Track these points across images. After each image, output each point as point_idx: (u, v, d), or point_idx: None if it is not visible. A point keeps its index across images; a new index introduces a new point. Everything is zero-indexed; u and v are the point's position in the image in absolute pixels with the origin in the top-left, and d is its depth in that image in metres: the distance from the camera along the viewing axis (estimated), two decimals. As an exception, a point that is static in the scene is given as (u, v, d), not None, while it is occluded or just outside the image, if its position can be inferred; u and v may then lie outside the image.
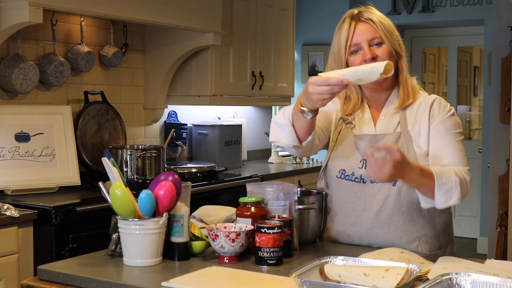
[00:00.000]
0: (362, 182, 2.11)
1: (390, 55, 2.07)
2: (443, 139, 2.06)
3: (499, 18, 5.48)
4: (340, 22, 2.12)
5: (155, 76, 4.12)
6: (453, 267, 1.71)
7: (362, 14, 2.08)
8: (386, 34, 2.06)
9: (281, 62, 4.91)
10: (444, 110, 2.10)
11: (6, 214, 2.66)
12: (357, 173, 2.12)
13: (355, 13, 2.10)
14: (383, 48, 2.06)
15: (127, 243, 1.85)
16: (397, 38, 2.10)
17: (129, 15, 3.40)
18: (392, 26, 2.10)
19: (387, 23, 2.09)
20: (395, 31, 2.10)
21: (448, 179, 1.93)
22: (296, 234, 2.02)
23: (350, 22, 2.08)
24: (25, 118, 3.22)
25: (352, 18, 2.09)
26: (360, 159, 2.11)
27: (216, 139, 4.44)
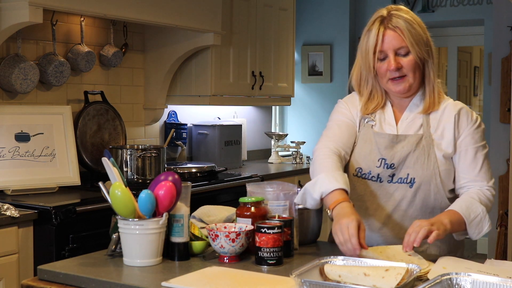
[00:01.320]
0: (379, 181, 2.10)
1: (415, 66, 2.05)
2: (471, 153, 2.08)
3: (499, 18, 5.48)
4: (369, 23, 2.08)
5: (155, 76, 4.12)
6: (453, 267, 1.71)
7: (391, 19, 2.03)
8: (412, 43, 2.02)
9: (281, 62, 4.91)
10: (472, 121, 2.10)
11: (6, 214, 2.66)
12: (374, 172, 2.10)
13: (385, 16, 2.05)
14: (409, 59, 2.04)
15: (127, 243, 1.85)
16: (425, 45, 2.05)
17: (129, 15, 3.40)
18: (420, 32, 2.05)
19: (416, 30, 2.03)
20: (424, 37, 2.06)
21: (476, 212, 2.00)
22: (296, 234, 2.02)
23: (379, 27, 2.03)
24: (25, 118, 3.22)
25: (381, 23, 2.04)
26: (378, 158, 2.10)
27: (216, 139, 4.44)
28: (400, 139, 2.09)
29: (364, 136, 2.15)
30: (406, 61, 2.04)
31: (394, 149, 2.09)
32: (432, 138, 2.08)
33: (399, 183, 2.08)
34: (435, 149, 2.07)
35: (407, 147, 2.08)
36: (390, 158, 2.08)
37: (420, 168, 2.06)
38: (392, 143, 2.09)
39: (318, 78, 6.37)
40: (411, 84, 2.07)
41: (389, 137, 2.10)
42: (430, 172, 2.06)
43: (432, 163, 2.05)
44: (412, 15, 2.07)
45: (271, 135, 5.11)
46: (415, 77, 2.07)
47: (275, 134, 5.11)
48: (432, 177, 2.06)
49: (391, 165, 2.08)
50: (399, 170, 2.08)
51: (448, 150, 2.07)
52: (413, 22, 2.04)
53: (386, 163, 2.09)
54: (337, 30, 6.26)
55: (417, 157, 2.07)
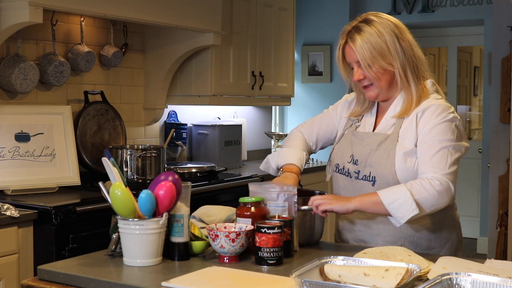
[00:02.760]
0: (349, 176, 2.21)
1: (378, 75, 2.12)
2: (426, 145, 2.08)
3: (499, 18, 5.48)
4: (339, 35, 2.19)
5: (155, 76, 4.12)
6: (453, 267, 1.71)
7: (353, 34, 2.12)
8: (366, 59, 2.08)
9: (281, 62, 4.91)
10: (437, 117, 2.09)
11: (6, 214, 2.66)
12: (346, 167, 2.23)
13: (349, 30, 2.15)
14: (370, 71, 2.11)
15: (127, 243, 1.85)
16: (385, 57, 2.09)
17: (129, 15, 3.40)
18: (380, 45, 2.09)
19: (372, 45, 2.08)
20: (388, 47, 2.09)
21: (397, 195, 2.00)
22: (296, 235, 2.02)
23: (341, 41, 2.16)
24: (25, 118, 3.22)
25: (344, 37, 2.15)
26: (350, 154, 2.21)
27: (216, 139, 4.44)
28: (367, 137, 2.19)
29: (346, 135, 2.29)
30: (368, 72, 2.12)
31: (360, 146, 2.20)
32: (398, 138, 2.13)
33: (363, 180, 2.17)
34: (398, 148, 2.11)
35: (370, 146, 2.17)
36: (357, 154, 2.20)
37: (379, 167, 2.13)
38: (359, 140, 2.21)
39: (318, 78, 6.37)
40: (379, 91, 2.16)
41: (358, 134, 2.23)
42: (387, 171, 2.11)
43: (390, 163, 2.11)
44: (379, 24, 2.12)
45: (271, 135, 5.11)
46: (381, 85, 2.14)
47: (275, 134, 5.11)
48: (389, 177, 2.11)
49: (355, 161, 2.19)
50: (362, 167, 2.17)
51: (409, 147, 2.10)
52: (373, 35, 2.09)
53: (354, 159, 2.21)
54: (337, 30, 6.20)
55: (377, 156, 2.14)
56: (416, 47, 2.16)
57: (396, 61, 2.10)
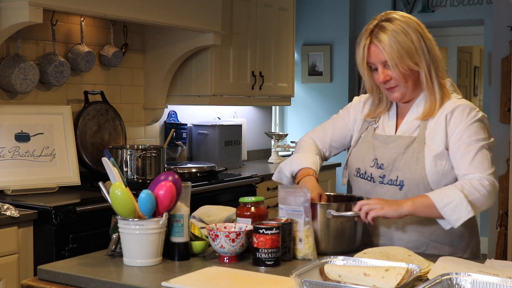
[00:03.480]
0: (372, 181, 2.15)
1: (404, 76, 2.06)
2: (462, 147, 2.03)
3: (499, 18, 5.48)
4: (360, 34, 2.10)
5: (155, 76, 4.12)
6: (453, 267, 1.71)
7: (378, 33, 2.04)
8: (394, 59, 2.02)
9: (281, 62, 4.91)
10: (466, 118, 2.06)
11: (6, 214, 2.66)
12: (369, 171, 2.16)
13: (372, 29, 2.06)
14: (396, 72, 2.05)
15: (127, 243, 1.85)
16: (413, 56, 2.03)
17: (129, 15, 3.40)
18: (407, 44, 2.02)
19: (400, 44, 2.02)
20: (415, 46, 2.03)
21: (451, 198, 1.95)
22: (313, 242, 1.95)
23: (365, 41, 2.06)
24: (25, 118, 3.22)
25: (369, 36, 2.06)
26: (372, 158, 2.15)
27: (216, 139, 4.44)
28: (392, 140, 2.13)
29: (365, 138, 2.21)
30: (393, 73, 2.05)
31: (385, 150, 2.13)
32: (425, 141, 2.08)
33: (389, 184, 2.11)
34: (426, 151, 2.07)
35: (396, 149, 2.11)
36: (381, 158, 2.13)
37: (408, 171, 2.08)
38: (384, 144, 2.14)
39: (318, 78, 6.37)
40: (404, 92, 2.10)
41: (382, 137, 2.16)
42: (417, 175, 2.06)
43: (420, 166, 2.06)
44: (402, 22, 2.05)
45: (271, 135, 5.11)
46: (407, 85, 2.08)
47: (275, 134, 5.11)
48: (420, 180, 2.06)
49: (380, 165, 2.13)
50: (388, 171, 2.11)
51: (438, 149, 2.06)
52: (399, 34, 2.02)
53: (377, 163, 2.14)
54: (337, 30, 6.26)
55: (406, 160, 2.09)
56: (436, 46, 2.12)
57: (422, 60, 2.05)
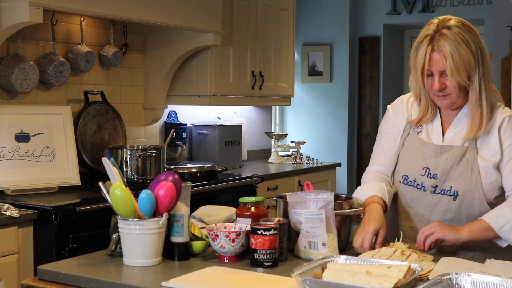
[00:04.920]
0: (423, 190, 2.13)
1: (459, 87, 2.03)
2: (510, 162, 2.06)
3: (499, 18, 5.48)
4: (419, 38, 2.07)
5: (155, 76, 4.12)
6: (455, 268, 1.71)
7: (439, 40, 2.01)
8: (453, 70, 1.99)
9: (281, 62, 4.91)
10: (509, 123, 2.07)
11: (6, 214, 2.66)
12: (419, 180, 2.14)
13: (433, 35, 2.02)
14: (452, 82, 2.02)
15: (127, 243, 1.85)
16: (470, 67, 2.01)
17: (129, 15, 3.40)
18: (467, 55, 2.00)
19: (460, 55, 1.99)
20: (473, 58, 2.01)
21: (506, 218, 1.99)
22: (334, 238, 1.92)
23: (427, 47, 2.02)
24: (25, 118, 3.22)
25: (430, 43, 2.02)
26: (422, 166, 2.13)
27: (216, 139, 4.44)
28: (445, 150, 2.11)
29: (410, 144, 2.18)
30: (450, 82, 2.02)
31: (438, 160, 2.11)
32: (477, 150, 2.09)
33: (442, 194, 2.11)
34: (480, 160, 2.08)
35: (451, 160, 2.10)
36: (434, 168, 2.11)
37: (463, 181, 2.08)
38: (436, 153, 2.12)
39: (318, 78, 6.37)
40: (455, 101, 2.08)
41: (434, 147, 2.13)
42: (473, 186, 2.07)
43: (475, 177, 2.07)
44: (463, 31, 2.02)
45: (271, 135, 5.11)
46: (459, 95, 2.06)
47: (275, 134, 5.11)
48: (475, 191, 2.07)
49: (434, 175, 2.11)
50: (442, 181, 2.11)
51: (492, 160, 2.07)
52: (461, 44, 1.99)
53: (430, 173, 2.12)
54: (337, 30, 6.26)
55: (460, 170, 2.08)
56: (487, 52, 2.09)
57: (476, 73, 2.03)
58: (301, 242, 1.93)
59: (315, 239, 1.90)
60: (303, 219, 1.92)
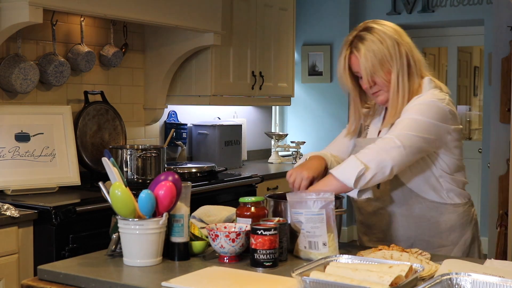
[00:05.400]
0: None
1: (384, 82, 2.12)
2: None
3: (499, 18, 5.48)
4: (341, 46, 2.19)
5: (155, 76, 4.12)
6: (458, 269, 1.71)
7: (356, 43, 2.12)
8: (367, 69, 2.09)
9: (281, 62, 4.91)
10: (414, 101, 2.11)
11: (6, 214, 2.66)
12: None
13: (351, 40, 2.14)
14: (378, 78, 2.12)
15: (127, 243, 1.85)
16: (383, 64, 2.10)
17: (129, 15, 3.40)
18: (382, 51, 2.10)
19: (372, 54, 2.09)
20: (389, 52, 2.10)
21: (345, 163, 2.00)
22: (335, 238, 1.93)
23: (345, 51, 2.15)
24: (25, 118, 3.22)
25: (348, 47, 2.14)
26: None
27: (216, 139, 4.44)
28: (365, 143, 2.16)
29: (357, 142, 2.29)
30: (375, 80, 2.12)
31: None
32: None
33: None
34: None
35: None
36: None
37: None
38: (358, 148, 2.20)
39: (318, 78, 6.37)
40: (387, 96, 2.15)
41: (364, 141, 2.22)
42: None
43: None
44: (380, 31, 2.12)
45: (271, 135, 5.11)
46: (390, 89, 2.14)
47: (275, 134, 5.11)
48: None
49: None
50: None
51: None
52: (375, 43, 2.10)
53: None
54: (337, 30, 6.26)
55: None
56: (415, 48, 2.18)
57: (394, 66, 2.11)
58: (301, 242, 1.93)
59: (315, 239, 1.90)
60: (304, 219, 1.91)
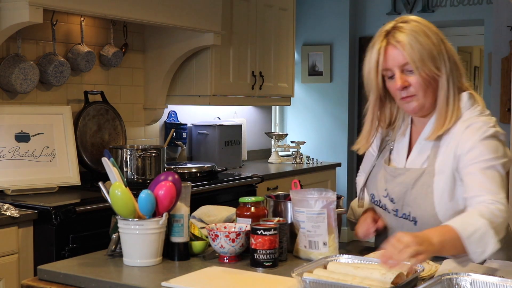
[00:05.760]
0: (387, 211, 1.99)
1: (424, 84, 1.85)
2: (470, 169, 1.80)
3: (499, 18, 5.48)
4: (374, 38, 1.90)
5: (155, 76, 4.12)
6: (458, 269, 1.71)
7: (395, 33, 1.84)
8: (415, 60, 1.82)
9: (281, 62, 4.91)
10: (475, 135, 1.82)
11: (6, 214, 2.66)
12: (382, 201, 2.00)
13: (389, 30, 1.86)
14: (416, 77, 1.84)
15: (127, 243, 1.85)
16: (435, 60, 1.83)
17: (129, 15, 3.40)
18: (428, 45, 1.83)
19: (421, 45, 1.82)
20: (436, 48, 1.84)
21: (475, 226, 1.68)
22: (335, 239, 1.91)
23: (381, 43, 1.85)
24: (25, 118, 3.22)
25: (384, 37, 1.86)
26: (384, 188, 1.98)
27: (216, 139, 4.44)
28: (399, 173, 1.94)
29: (380, 162, 2.04)
30: (413, 79, 1.85)
31: (393, 183, 1.96)
32: (434, 172, 1.87)
33: (403, 218, 1.94)
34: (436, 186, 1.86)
35: (404, 184, 1.92)
36: (391, 192, 1.97)
37: (418, 208, 1.89)
38: (391, 177, 1.97)
39: (318, 78, 6.37)
40: (423, 104, 1.88)
41: (389, 169, 1.98)
42: (428, 213, 1.87)
43: (429, 203, 1.87)
44: (421, 24, 1.86)
45: (271, 135, 5.11)
46: (427, 95, 1.87)
47: (275, 134, 5.11)
48: (431, 218, 1.86)
49: (391, 199, 1.97)
50: (400, 205, 1.94)
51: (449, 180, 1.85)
52: (420, 34, 1.83)
53: (389, 196, 1.97)
54: (337, 30, 6.26)
55: (415, 195, 1.90)
56: (457, 54, 1.92)
57: (443, 66, 1.85)
58: (301, 241, 1.92)
59: (316, 238, 1.89)
60: (305, 218, 1.90)
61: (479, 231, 1.67)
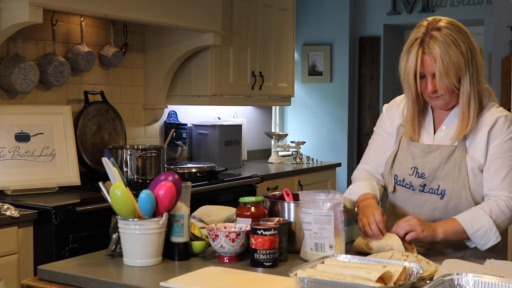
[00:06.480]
0: (412, 189, 2.16)
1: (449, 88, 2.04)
2: (497, 162, 2.06)
3: (499, 18, 5.48)
4: (409, 41, 2.07)
5: (155, 76, 4.12)
6: (458, 269, 1.71)
7: (429, 43, 2.02)
8: (442, 74, 2.01)
9: (281, 62, 4.91)
10: (506, 131, 2.07)
11: (6, 214, 2.66)
12: (407, 179, 2.16)
13: (423, 38, 2.04)
14: (441, 85, 2.03)
15: (127, 243, 1.85)
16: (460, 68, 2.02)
17: (129, 15, 3.39)
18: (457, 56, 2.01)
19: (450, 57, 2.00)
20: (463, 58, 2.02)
21: (480, 224, 1.99)
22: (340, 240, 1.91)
23: (417, 50, 2.03)
24: (25, 118, 3.22)
25: (420, 45, 2.03)
26: (411, 166, 2.15)
27: (216, 139, 4.44)
28: (433, 149, 2.12)
29: (402, 144, 2.20)
30: (443, 83, 2.04)
31: (426, 159, 2.13)
32: (466, 150, 2.09)
33: (430, 193, 2.12)
34: (468, 160, 2.08)
35: (438, 159, 2.11)
36: (422, 168, 2.13)
37: (450, 180, 2.09)
38: (424, 153, 2.13)
39: (318, 78, 6.37)
40: (448, 102, 2.10)
41: (421, 146, 2.14)
42: (460, 185, 2.08)
43: (463, 176, 2.07)
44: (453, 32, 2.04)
45: (271, 135, 5.11)
46: (453, 95, 2.08)
47: (275, 134, 5.11)
48: (462, 190, 2.07)
49: (421, 175, 2.13)
50: (430, 180, 2.12)
51: (481, 161, 2.07)
52: (450, 45, 2.01)
53: (418, 172, 2.14)
54: (337, 30, 6.26)
55: (448, 169, 2.09)
56: (479, 52, 2.11)
57: (466, 75, 2.04)
58: (308, 243, 1.90)
59: (322, 240, 1.86)
60: (312, 219, 1.88)
61: (483, 228, 2.00)
